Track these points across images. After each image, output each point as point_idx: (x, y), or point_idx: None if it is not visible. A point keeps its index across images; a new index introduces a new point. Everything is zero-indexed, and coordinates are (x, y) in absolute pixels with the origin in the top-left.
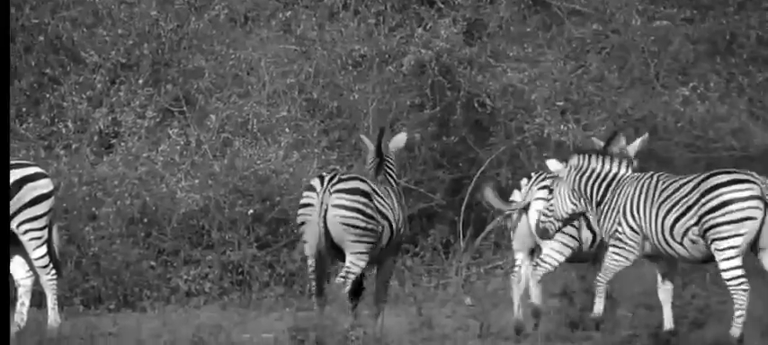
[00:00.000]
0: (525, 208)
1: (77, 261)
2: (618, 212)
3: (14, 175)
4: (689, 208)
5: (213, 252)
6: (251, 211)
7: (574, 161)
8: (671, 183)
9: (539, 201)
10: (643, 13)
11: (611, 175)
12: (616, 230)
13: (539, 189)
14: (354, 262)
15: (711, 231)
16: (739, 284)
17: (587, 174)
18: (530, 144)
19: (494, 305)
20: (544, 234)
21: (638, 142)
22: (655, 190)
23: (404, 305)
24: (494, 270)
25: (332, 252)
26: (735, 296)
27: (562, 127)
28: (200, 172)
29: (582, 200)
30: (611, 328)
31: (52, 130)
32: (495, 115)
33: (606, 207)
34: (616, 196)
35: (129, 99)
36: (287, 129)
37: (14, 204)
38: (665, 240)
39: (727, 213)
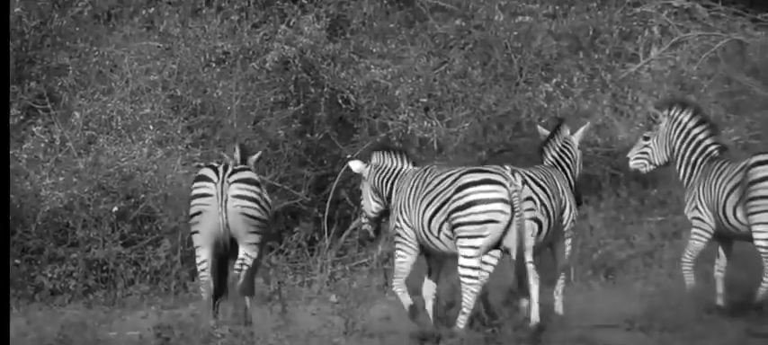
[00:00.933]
0: None
1: None
2: (396, 209)
3: None
4: (442, 204)
5: (78, 249)
6: (115, 208)
7: (374, 159)
8: (436, 177)
9: None
10: (505, 8)
11: (395, 171)
12: (395, 226)
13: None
14: (249, 254)
15: (457, 228)
16: (470, 284)
17: (381, 172)
18: (394, 140)
19: (359, 302)
20: (365, 235)
21: (580, 131)
22: (422, 184)
23: (269, 303)
24: (359, 267)
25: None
26: (464, 294)
27: (426, 123)
28: (64, 170)
29: (383, 198)
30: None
31: None
32: (359, 112)
33: (392, 205)
34: (397, 192)
35: None
36: (151, 126)
37: None
38: (426, 234)
39: (470, 214)
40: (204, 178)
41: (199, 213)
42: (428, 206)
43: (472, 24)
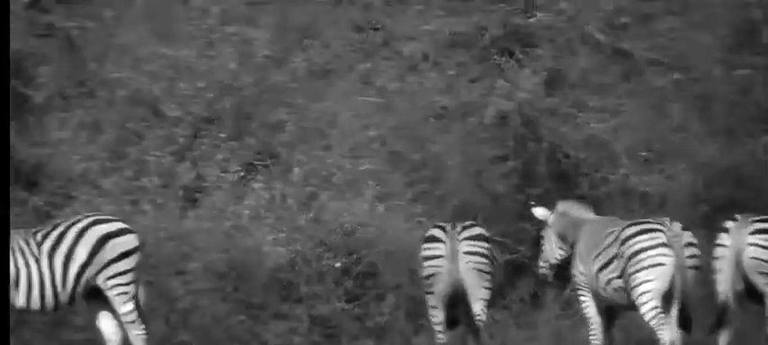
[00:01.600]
0: None
1: (166, 317)
2: (575, 257)
3: (98, 232)
4: (610, 259)
5: (302, 305)
6: (338, 264)
7: (560, 207)
8: (606, 232)
9: None
10: (723, 61)
11: (581, 219)
12: (573, 275)
13: None
14: (483, 310)
15: (630, 278)
16: (656, 317)
17: (568, 219)
18: (614, 194)
19: None
20: (543, 279)
21: None
22: (596, 235)
23: None
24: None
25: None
26: (657, 333)
27: (645, 178)
28: (285, 226)
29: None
30: None
31: (137, 185)
32: (578, 166)
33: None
34: (578, 241)
35: (212, 153)
36: (371, 182)
37: (99, 260)
38: (596, 285)
39: (638, 261)
40: (434, 238)
41: (431, 275)
42: (596, 258)
43: (690, 77)
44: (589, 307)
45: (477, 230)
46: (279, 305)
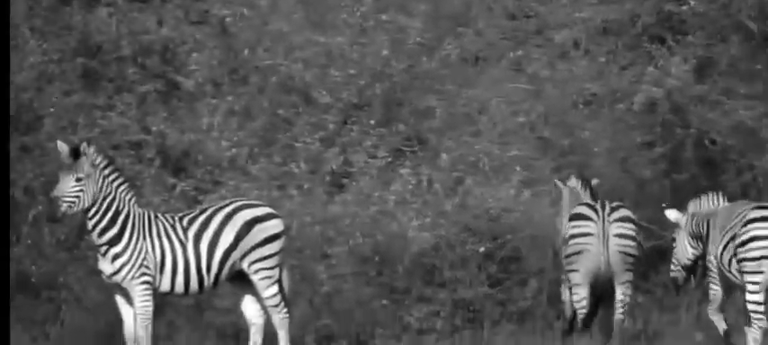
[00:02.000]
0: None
1: (310, 300)
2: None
3: (245, 216)
4: (731, 239)
5: (445, 289)
6: (482, 249)
7: (691, 208)
8: (736, 213)
9: None
10: None
11: (713, 212)
12: (708, 260)
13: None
14: (627, 293)
15: (740, 264)
16: (756, 319)
17: (699, 217)
18: (761, 181)
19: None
20: (674, 282)
21: None
22: (727, 217)
23: (638, 342)
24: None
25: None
26: (749, 331)
27: None
28: (431, 211)
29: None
30: None
31: (285, 171)
32: (725, 152)
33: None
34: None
35: (361, 139)
36: (518, 168)
37: (245, 244)
38: (721, 267)
39: (749, 250)
40: (584, 216)
41: (579, 252)
42: (722, 238)
43: None
44: (716, 293)
45: (626, 212)
46: (422, 289)
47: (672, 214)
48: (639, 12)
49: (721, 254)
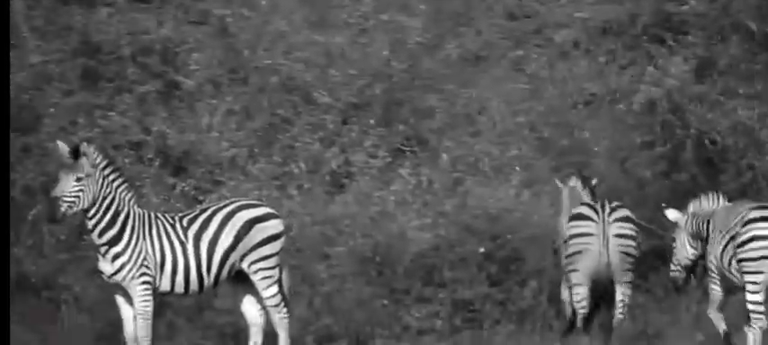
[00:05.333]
0: None
1: (310, 300)
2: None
3: (245, 216)
4: (731, 238)
5: (445, 290)
6: (482, 249)
7: (691, 208)
8: (735, 213)
9: None
10: None
11: (712, 212)
12: (708, 261)
13: None
14: (627, 293)
15: (740, 264)
16: (755, 319)
17: (699, 216)
18: (761, 181)
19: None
20: (674, 283)
21: None
22: (726, 217)
23: (638, 342)
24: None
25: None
26: (749, 330)
27: None
28: (431, 211)
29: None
30: None
31: (285, 171)
32: (725, 152)
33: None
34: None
35: (361, 139)
36: (518, 168)
37: (245, 244)
38: (722, 267)
39: (749, 250)
40: (584, 216)
41: (579, 252)
42: (722, 238)
43: None
44: (715, 293)
45: (626, 212)
46: (422, 289)
47: (672, 214)
48: (639, 11)
49: (721, 254)
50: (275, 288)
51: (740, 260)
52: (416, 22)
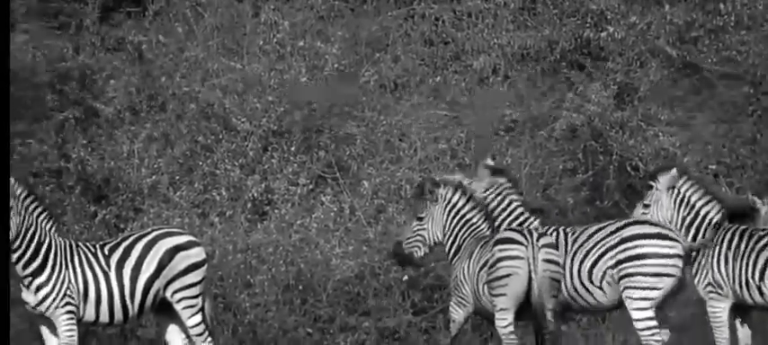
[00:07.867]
0: None
1: (234, 329)
2: None
3: (167, 244)
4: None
5: (369, 318)
6: (406, 277)
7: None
8: (585, 233)
9: None
10: None
11: None
12: None
13: None
14: (550, 320)
15: (626, 279)
16: (652, 335)
17: None
18: None
19: None
20: None
21: None
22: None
23: None
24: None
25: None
26: None
27: None
28: (354, 239)
29: None
30: None
31: (206, 198)
32: (648, 179)
33: None
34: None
35: (282, 166)
36: None
37: (167, 273)
38: (582, 287)
39: (644, 265)
40: (513, 241)
41: (508, 275)
42: (586, 257)
43: (761, 91)
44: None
45: (551, 239)
46: (346, 317)
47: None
48: (557, 38)
49: (588, 273)
50: (199, 317)
51: (626, 276)
52: (333, 49)
